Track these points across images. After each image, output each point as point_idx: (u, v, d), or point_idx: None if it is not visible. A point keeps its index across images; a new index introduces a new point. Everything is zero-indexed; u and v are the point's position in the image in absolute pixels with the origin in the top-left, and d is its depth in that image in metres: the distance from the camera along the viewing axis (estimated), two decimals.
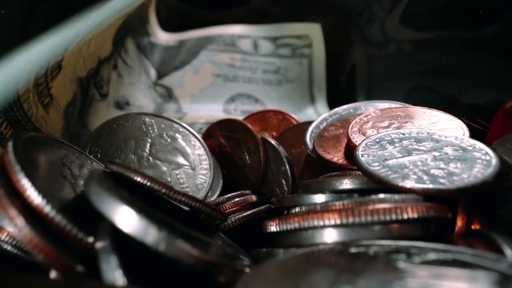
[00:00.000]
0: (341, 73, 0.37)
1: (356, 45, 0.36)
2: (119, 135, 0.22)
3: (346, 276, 0.10)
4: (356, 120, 0.21)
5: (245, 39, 0.36)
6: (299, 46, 0.37)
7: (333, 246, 0.12)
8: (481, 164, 0.15)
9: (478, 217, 0.15)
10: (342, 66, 0.37)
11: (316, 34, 0.36)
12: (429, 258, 0.11)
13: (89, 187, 0.11)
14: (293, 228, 0.14)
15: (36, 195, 0.11)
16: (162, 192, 0.14)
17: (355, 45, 0.36)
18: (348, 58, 0.37)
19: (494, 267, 0.10)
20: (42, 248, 0.11)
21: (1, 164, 0.12)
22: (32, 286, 0.09)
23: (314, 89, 0.37)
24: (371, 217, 0.13)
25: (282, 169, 0.23)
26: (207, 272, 0.11)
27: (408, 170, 0.15)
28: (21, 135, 0.14)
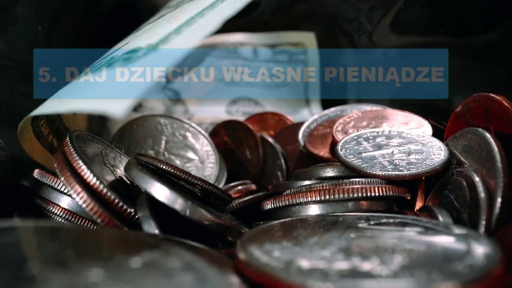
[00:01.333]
0: (333, 78, 0.42)
1: (347, 52, 0.40)
2: (138, 134, 0.26)
3: (318, 231, 0.14)
4: (340, 121, 0.25)
5: (246, 46, 0.40)
6: (295, 52, 0.41)
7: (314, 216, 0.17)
8: (434, 156, 0.19)
9: (432, 197, 0.19)
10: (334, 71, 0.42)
11: (311, 42, 0.41)
12: (382, 221, 0.15)
13: (132, 172, 0.16)
14: (284, 204, 0.18)
15: (92, 177, 0.16)
16: (182, 178, 0.18)
17: (346, 52, 0.40)
18: (340, 64, 0.41)
19: (423, 224, 0.14)
20: (100, 213, 0.15)
21: (63, 155, 0.17)
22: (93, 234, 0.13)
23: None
24: (344, 195, 0.17)
25: (278, 163, 0.27)
26: (219, 232, 0.15)
27: (377, 161, 0.20)
28: (71, 133, 0.18)
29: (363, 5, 0.38)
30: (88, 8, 0.36)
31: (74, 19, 0.35)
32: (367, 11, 0.38)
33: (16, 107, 0.27)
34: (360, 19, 0.39)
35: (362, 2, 0.38)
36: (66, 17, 0.34)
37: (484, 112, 0.18)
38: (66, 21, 0.34)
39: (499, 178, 0.15)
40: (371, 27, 0.38)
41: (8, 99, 0.27)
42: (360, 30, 0.39)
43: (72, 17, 0.35)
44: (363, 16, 0.38)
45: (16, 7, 0.29)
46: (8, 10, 0.29)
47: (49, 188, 0.19)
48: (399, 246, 0.12)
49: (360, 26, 0.39)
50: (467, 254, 0.11)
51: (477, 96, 0.19)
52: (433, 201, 0.19)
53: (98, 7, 0.36)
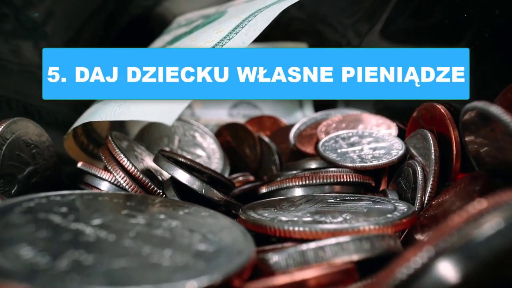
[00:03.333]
0: None
1: None
2: (155, 134, 0.33)
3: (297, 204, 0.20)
4: (324, 123, 0.31)
5: None
6: None
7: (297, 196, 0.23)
8: (393, 151, 0.26)
9: (392, 183, 0.26)
10: None
11: None
12: (345, 198, 0.21)
13: (161, 162, 0.22)
14: (275, 188, 0.24)
15: (130, 165, 0.22)
16: (195, 168, 0.24)
17: None
18: None
19: (373, 199, 0.20)
20: (136, 191, 0.21)
21: (107, 149, 0.23)
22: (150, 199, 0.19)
23: None
24: (321, 181, 0.24)
25: (272, 158, 0.34)
26: (226, 206, 0.22)
27: (348, 155, 0.26)
28: (111, 133, 0.25)
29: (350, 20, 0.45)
30: (107, 22, 0.42)
31: (95, 33, 0.42)
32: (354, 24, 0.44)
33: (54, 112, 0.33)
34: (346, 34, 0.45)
35: (348, 18, 0.44)
36: (88, 31, 0.41)
37: (430, 117, 0.25)
38: (87, 35, 0.41)
39: (432, 166, 0.22)
40: (359, 38, 0.44)
41: (47, 105, 0.33)
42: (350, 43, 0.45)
43: (93, 31, 0.41)
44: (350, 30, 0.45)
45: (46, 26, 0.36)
46: (40, 28, 0.35)
47: (92, 175, 0.25)
48: (349, 209, 0.18)
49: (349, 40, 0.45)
50: (394, 210, 0.17)
51: (426, 104, 0.25)
52: (392, 186, 0.26)
53: (116, 21, 0.43)
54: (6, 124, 0.22)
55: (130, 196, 0.17)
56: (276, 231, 0.16)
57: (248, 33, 0.20)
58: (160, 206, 0.16)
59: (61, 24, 0.37)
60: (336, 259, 0.13)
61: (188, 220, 0.14)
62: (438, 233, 0.10)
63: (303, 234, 0.15)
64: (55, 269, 0.09)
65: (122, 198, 0.16)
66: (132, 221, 0.13)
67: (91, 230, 0.12)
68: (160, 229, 0.13)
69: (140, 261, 0.10)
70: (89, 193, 0.16)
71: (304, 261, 0.13)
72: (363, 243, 0.13)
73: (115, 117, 0.20)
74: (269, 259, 0.13)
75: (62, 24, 0.37)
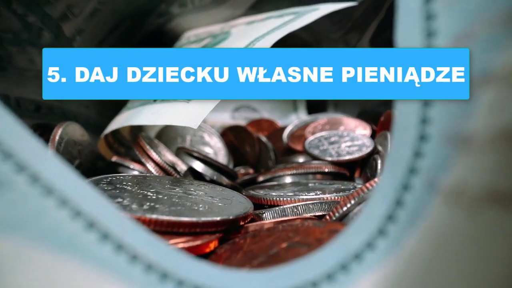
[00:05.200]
0: None
1: None
2: (171, 134, 0.41)
3: (285, 186, 0.28)
4: (311, 125, 0.40)
5: None
6: None
7: (287, 183, 0.31)
8: (365, 148, 0.34)
9: (363, 175, 0.34)
10: None
11: None
12: (322, 182, 0.29)
13: (182, 156, 0.30)
14: (270, 177, 0.32)
15: (158, 158, 0.30)
16: (207, 161, 0.33)
17: None
18: None
19: (342, 184, 0.28)
20: None
21: (140, 146, 0.31)
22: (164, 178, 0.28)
23: (297, 101, 0.56)
24: (305, 171, 0.32)
25: (269, 155, 0.42)
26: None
27: (328, 151, 0.34)
28: (141, 134, 0.33)
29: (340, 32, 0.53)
30: (124, 37, 0.51)
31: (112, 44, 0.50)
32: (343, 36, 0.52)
33: (85, 116, 0.41)
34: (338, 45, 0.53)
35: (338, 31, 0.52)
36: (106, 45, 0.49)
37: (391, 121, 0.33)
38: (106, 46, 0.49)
39: None
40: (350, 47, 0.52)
41: (80, 110, 0.41)
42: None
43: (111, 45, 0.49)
44: (341, 41, 0.53)
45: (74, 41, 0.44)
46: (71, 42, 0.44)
47: (125, 167, 0.33)
48: (321, 189, 0.26)
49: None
50: (351, 189, 0.25)
51: (389, 111, 0.33)
52: (363, 177, 0.34)
53: (132, 36, 0.51)
54: (63, 126, 0.31)
55: (166, 177, 0.25)
56: (267, 201, 0.24)
57: None
58: (188, 184, 0.24)
59: (86, 39, 0.46)
60: (304, 214, 0.21)
61: (209, 191, 0.22)
62: None
63: (285, 202, 0.23)
64: (143, 209, 0.17)
65: (161, 178, 0.24)
66: (173, 191, 0.21)
67: (151, 194, 0.20)
68: (192, 196, 0.21)
69: (185, 208, 0.18)
70: (140, 174, 0.25)
71: (284, 215, 0.21)
72: (323, 205, 0.21)
73: (150, 122, 0.28)
74: (261, 214, 0.21)
75: (86, 40, 0.46)
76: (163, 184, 0.22)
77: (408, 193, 0.09)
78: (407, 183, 0.10)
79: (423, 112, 0.10)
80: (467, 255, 0.07)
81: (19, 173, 0.09)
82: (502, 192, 0.07)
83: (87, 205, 0.10)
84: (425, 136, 0.09)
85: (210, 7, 0.48)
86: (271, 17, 0.39)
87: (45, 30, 0.40)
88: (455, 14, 0.09)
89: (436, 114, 0.09)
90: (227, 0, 0.46)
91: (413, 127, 0.10)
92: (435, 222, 0.08)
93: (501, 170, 0.07)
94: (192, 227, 0.16)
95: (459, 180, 0.08)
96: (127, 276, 0.09)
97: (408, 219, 0.09)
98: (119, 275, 0.09)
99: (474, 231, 0.07)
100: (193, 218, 0.17)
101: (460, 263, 0.07)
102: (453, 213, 0.08)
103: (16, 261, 0.07)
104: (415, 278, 0.08)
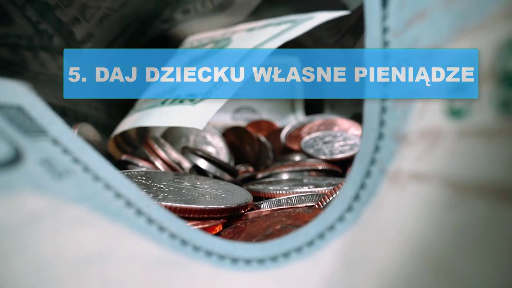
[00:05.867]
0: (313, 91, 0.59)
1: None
2: (175, 134, 0.44)
3: (282, 181, 0.32)
4: (308, 126, 0.43)
5: None
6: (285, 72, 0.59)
7: (284, 180, 0.34)
8: (356, 147, 0.37)
9: None
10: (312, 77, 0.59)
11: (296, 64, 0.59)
12: (316, 179, 0.33)
13: (187, 154, 0.34)
14: (268, 174, 0.36)
15: (166, 156, 0.34)
16: (210, 160, 0.36)
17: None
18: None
19: (333, 179, 0.32)
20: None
21: (148, 145, 0.34)
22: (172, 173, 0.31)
23: (295, 102, 0.59)
24: (301, 168, 0.35)
25: (268, 154, 0.45)
26: None
27: (322, 150, 0.37)
28: (149, 135, 0.36)
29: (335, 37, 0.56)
30: (130, 41, 0.54)
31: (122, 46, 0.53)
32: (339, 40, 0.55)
33: (95, 117, 0.45)
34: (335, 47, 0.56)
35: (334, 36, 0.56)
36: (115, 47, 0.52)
37: None
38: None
39: None
40: None
41: (90, 112, 0.44)
42: None
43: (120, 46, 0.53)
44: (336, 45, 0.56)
45: (85, 45, 0.47)
46: (82, 45, 0.47)
47: (134, 165, 0.36)
48: (314, 183, 0.29)
49: None
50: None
51: None
52: None
53: (137, 41, 0.54)
54: (78, 127, 0.34)
55: (174, 173, 0.28)
56: (265, 194, 0.27)
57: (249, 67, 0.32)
58: (194, 178, 0.27)
59: (96, 44, 0.49)
60: (297, 205, 0.24)
61: (213, 184, 0.26)
62: None
63: (280, 194, 0.26)
64: (158, 198, 0.20)
65: (170, 174, 0.27)
66: (182, 185, 0.25)
67: (163, 186, 0.23)
68: (199, 188, 0.24)
69: (193, 198, 0.21)
70: (151, 170, 0.28)
71: (279, 205, 0.24)
72: (314, 197, 0.25)
73: (159, 123, 0.31)
74: (259, 204, 0.24)
75: (96, 44, 0.49)
76: (172, 179, 0.26)
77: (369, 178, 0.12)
78: (369, 171, 0.13)
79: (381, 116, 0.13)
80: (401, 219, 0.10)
81: (76, 164, 0.12)
82: (420, 173, 0.10)
83: (124, 189, 0.13)
84: (382, 135, 0.12)
85: (211, 14, 0.51)
86: (269, 25, 0.42)
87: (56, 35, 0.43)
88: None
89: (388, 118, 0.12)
90: (228, 8, 0.50)
91: (375, 128, 0.13)
92: (382, 196, 0.11)
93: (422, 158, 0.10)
94: (201, 213, 0.20)
95: (397, 166, 0.11)
96: (158, 240, 0.12)
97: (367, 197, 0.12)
98: (153, 239, 0.12)
99: (405, 201, 0.10)
100: (201, 206, 0.20)
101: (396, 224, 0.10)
102: (392, 189, 0.11)
103: (85, 223, 0.10)
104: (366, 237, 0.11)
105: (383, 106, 0.13)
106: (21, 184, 0.09)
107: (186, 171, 0.33)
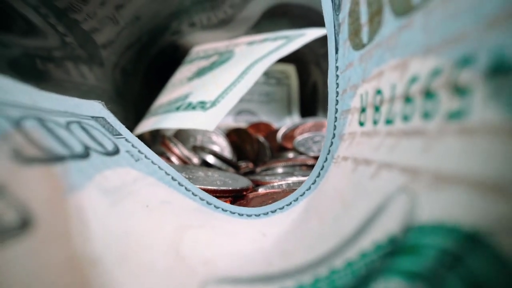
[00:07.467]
0: (308, 95, 0.68)
1: (318, 77, 0.66)
2: (184, 134, 0.52)
3: (277, 174, 0.40)
4: (301, 127, 0.51)
5: None
6: (282, 78, 0.67)
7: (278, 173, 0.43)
8: None
9: None
10: (308, 91, 0.68)
11: (292, 71, 0.67)
12: (303, 172, 0.41)
13: (197, 151, 0.42)
14: (265, 168, 0.44)
15: (178, 150, 0.42)
16: (216, 156, 0.44)
17: (317, 78, 0.66)
18: (312, 85, 0.67)
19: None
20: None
21: (164, 143, 0.43)
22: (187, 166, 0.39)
23: (291, 105, 0.68)
24: (293, 163, 0.43)
25: (266, 153, 0.53)
26: None
27: (311, 148, 0.46)
28: (166, 136, 0.44)
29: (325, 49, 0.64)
30: (142, 50, 0.62)
31: (132, 58, 0.61)
32: None
33: None
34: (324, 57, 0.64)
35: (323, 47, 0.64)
36: (127, 56, 0.60)
37: None
38: (127, 59, 0.61)
39: None
40: None
41: None
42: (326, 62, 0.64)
43: (131, 56, 0.61)
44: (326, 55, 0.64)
45: (103, 52, 0.55)
46: (99, 54, 0.55)
47: None
48: (302, 174, 0.38)
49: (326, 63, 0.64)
50: None
51: None
52: None
53: (148, 50, 0.62)
54: None
55: (189, 165, 0.37)
56: (262, 182, 0.35)
57: (249, 80, 0.40)
58: (206, 170, 0.35)
59: (113, 51, 0.57)
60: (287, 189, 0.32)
61: (221, 174, 0.34)
62: None
63: (274, 182, 0.34)
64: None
65: (185, 166, 0.36)
66: (197, 174, 0.33)
67: (184, 175, 0.31)
68: (210, 176, 0.32)
69: (208, 182, 0.30)
70: (171, 164, 0.36)
71: (272, 188, 0.32)
72: (299, 184, 0.33)
73: (175, 126, 0.39)
74: (257, 189, 0.32)
75: (113, 52, 0.57)
76: (190, 170, 0.34)
77: (326, 162, 0.21)
78: (326, 158, 0.21)
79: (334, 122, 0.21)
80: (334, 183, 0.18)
81: (141, 153, 0.20)
82: (345, 156, 0.18)
83: (169, 170, 0.21)
84: (334, 135, 0.20)
85: (216, 28, 0.59)
86: (267, 39, 0.50)
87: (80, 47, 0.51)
88: None
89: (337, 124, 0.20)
90: (231, 22, 0.58)
91: (331, 131, 0.21)
92: (329, 173, 0.19)
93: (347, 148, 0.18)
94: (214, 193, 0.28)
95: (338, 154, 0.19)
96: (193, 199, 0.20)
97: (323, 174, 0.20)
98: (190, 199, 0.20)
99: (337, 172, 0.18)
100: (215, 187, 0.28)
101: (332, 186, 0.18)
102: (334, 167, 0.19)
103: (155, 186, 0.18)
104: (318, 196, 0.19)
105: (336, 116, 0.21)
106: (124, 163, 0.17)
107: (197, 166, 0.42)
